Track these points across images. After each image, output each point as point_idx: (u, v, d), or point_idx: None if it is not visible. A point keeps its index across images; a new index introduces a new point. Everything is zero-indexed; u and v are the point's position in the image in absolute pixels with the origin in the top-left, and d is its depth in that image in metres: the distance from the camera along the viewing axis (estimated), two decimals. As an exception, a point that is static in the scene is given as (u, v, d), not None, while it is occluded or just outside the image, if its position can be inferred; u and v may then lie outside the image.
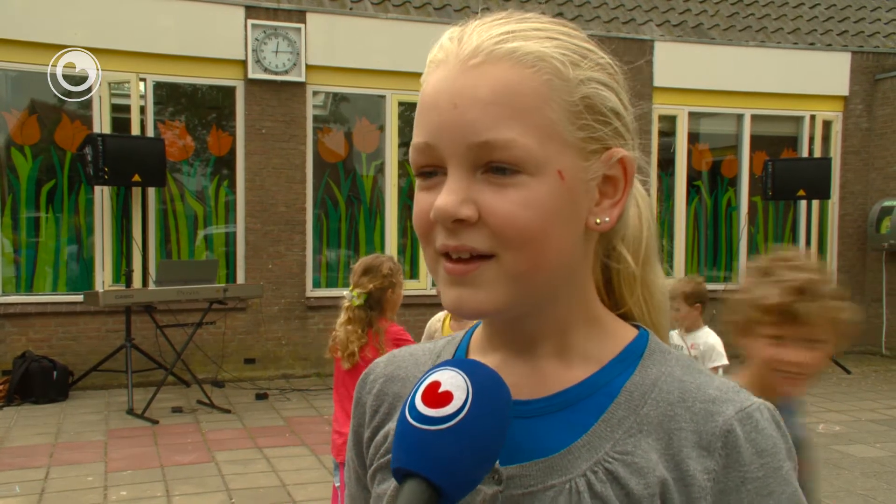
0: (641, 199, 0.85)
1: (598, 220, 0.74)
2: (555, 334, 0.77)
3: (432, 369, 0.70)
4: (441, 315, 3.72)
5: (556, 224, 0.70)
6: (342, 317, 3.34)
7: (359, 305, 3.29)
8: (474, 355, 0.84)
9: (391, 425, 0.82)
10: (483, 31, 0.72)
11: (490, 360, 0.80)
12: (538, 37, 0.71)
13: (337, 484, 3.50)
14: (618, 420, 0.74)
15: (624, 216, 0.78)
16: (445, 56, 0.72)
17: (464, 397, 0.66)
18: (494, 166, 0.69)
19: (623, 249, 0.82)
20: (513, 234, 0.69)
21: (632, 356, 0.78)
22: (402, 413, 0.68)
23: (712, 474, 0.71)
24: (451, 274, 0.71)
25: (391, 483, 0.79)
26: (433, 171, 0.72)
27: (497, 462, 0.74)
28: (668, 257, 8.61)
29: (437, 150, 0.70)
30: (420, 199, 0.73)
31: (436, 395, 0.67)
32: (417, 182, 0.74)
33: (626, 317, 0.84)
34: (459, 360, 0.71)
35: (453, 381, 0.67)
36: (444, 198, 0.69)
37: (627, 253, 0.82)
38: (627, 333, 0.80)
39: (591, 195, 0.73)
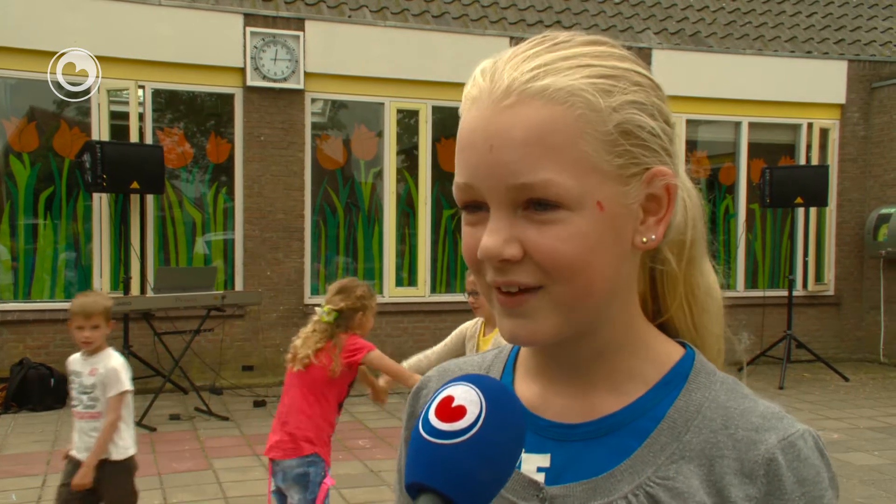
0: (688, 197, 0.84)
1: (643, 240, 0.75)
2: (601, 358, 0.78)
3: (446, 384, 0.71)
4: (477, 321, 3.74)
5: (600, 252, 0.72)
6: (307, 327, 3.43)
7: (327, 322, 3.36)
8: (521, 374, 0.85)
9: None
10: (514, 67, 0.72)
11: (538, 381, 0.82)
12: (569, 67, 0.71)
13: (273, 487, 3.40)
14: (661, 446, 0.75)
15: (670, 224, 0.78)
16: (479, 93, 0.73)
17: (477, 412, 0.67)
18: (535, 203, 0.70)
19: (668, 252, 0.82)
20: (558, 268, 0.71)
21: (677, 378, 0.78)
22: (416, 428, 0.69)
23: (753, 501, 0.72)
24: (504, 305, 0.74)
25: None
26: (477, 206, 0.73)
27: (543, 482, 0.76)
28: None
29: (478, 189, 0.72)
30: (467, 234, 0.75)
31: (449, 410, 0.67)
32: (463, 215, 0.76)
33: (670, 323, 0.84)
34: (473, 376, 0.72)
35: (467, 396, 0.68)
36: (489, 239, 0.71)
37: (671, 254, 0.82)
38: (673, 353, 0.81)
39: (635, 216, 0.74)
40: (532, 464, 0.78)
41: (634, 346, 0.79)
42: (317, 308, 3.47)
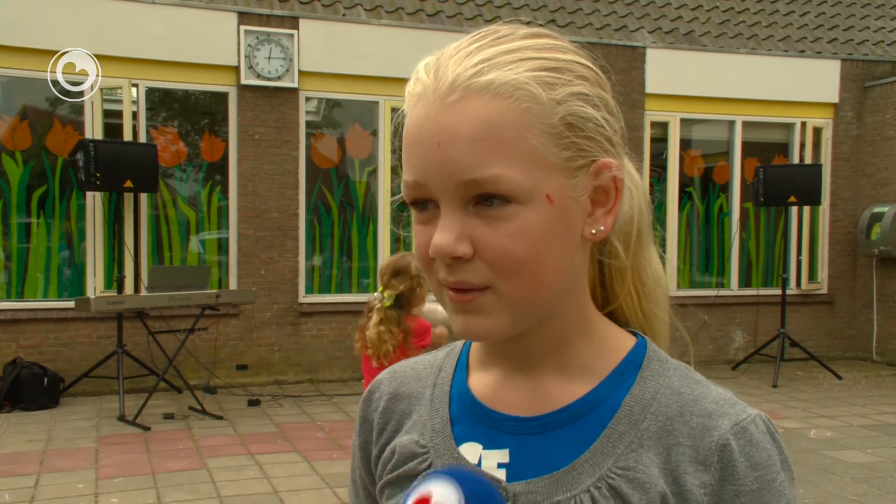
0: (633, 186, 0.84)
1: (593, 231, 0.75)
2: (554, 349, 0.78)
3: (426, 477, 0.70)
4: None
5: (550, 247, 0.71)
6: (374, 317, 3.46)
7: (389, 306, 3.42)
8: (474, 368, 0.84)
9: (398, 441, 0.84)
10: (458, 62, 0.71)
11: (491, 374, 0.82)
12: (512, 61, 0.71)
13: None
14: (619, 435, 0.75)
15: (618, 215, 0.78)
16: (423, 90, 0.73)
17: None
18: (484, 198, 0.70)
19: (616, 242, 0.82)
20: (507, 266, 0.70)
21: (631, 367, 0.78)
22: None
23: (708, 488, 0.72)
24: (454, 302, 0.73)
25: (399, 498, 0.80)
26: (427, 203, 0.73)
27: (504, 479, 0.76)
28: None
29: (428, 187, 0.72)
30: (418, 233, 0.75)
31: None
32: (413, 214, 0.75)
33: (619, 311, 0.85)
34: (457, 471, 0.70)
35: (446, 494, 0.67)
36: (440, 236, 0.71)
37: (619, 243, 0.82)
38: (625, 342, 0.81)
39: (583, 207, 0.74)
40: (492, 460, 0.77)
41: (587, 337, 0.79)
42: (374, 294, 3.49)
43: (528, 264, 0.70)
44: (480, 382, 0.82)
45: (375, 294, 3.48)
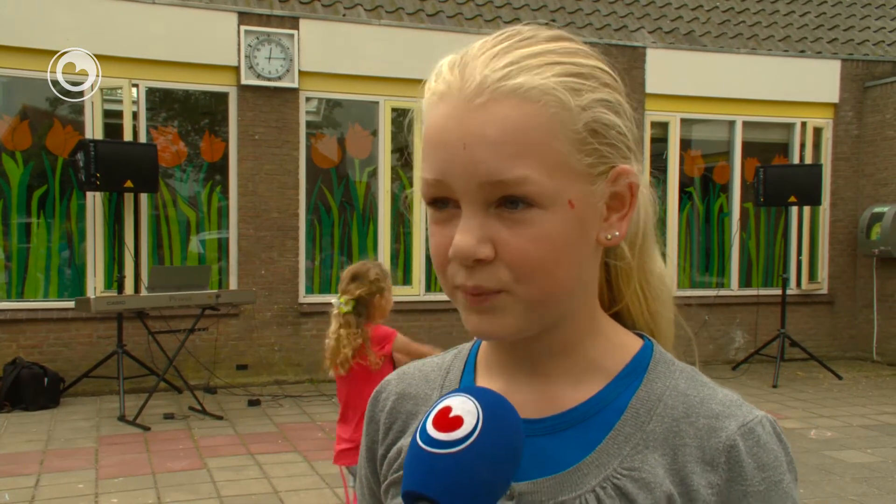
0: (642, 187, 0.84)
1: (608, 236, 0.76)
2: (563, 352, 0.79)
3: (444, 396, 0.72)
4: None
5: (568, 252, 0.72)
6: (333, 325, 3.35)
7: (347, 312, 3.31)
8: (482, 371, 0.85)
9: (404, 441, 0.84)
10: (485, 63, 0.71)
11: (499, 377, 0.82)
12: (539, 65, 0.71)
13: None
14: (625, 436, 0.75)
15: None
16: (448, 88, 0.72)
17: (474, 422, 0.68)
18: (507, 201, 0.70)
19: (623, 244, 0.83)
20: (526, 269, 0.71)
21: (637, 369, 0.79)
22: (414, 437, 0.70)
23: (716, 488, 0.73)
24: (470, 303, 0.73)
25: None
26: (445, 202, 0.73)
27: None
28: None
29: (450, 187, 0.71)
30: (436, 234, 0.74)
31: (446, 420, 0.69)
32: (430, 213, 0.75)
33: (625, 312, 0.85)
34: (471, 388, 0.73)
35: (464, 407, 0.69)
36: (461, 238, 0.70)
37: (626, 245, 0.83)
38: (632, 344, 0.81)
39: (600, 213, 0.75)
40: None
41: (595, 339, 0.79)
42: (332, 301, 3.39)
43: (546, 268, 0.71)
44: (488, 385, 0.82)
45: (334, 301, 3.37)
